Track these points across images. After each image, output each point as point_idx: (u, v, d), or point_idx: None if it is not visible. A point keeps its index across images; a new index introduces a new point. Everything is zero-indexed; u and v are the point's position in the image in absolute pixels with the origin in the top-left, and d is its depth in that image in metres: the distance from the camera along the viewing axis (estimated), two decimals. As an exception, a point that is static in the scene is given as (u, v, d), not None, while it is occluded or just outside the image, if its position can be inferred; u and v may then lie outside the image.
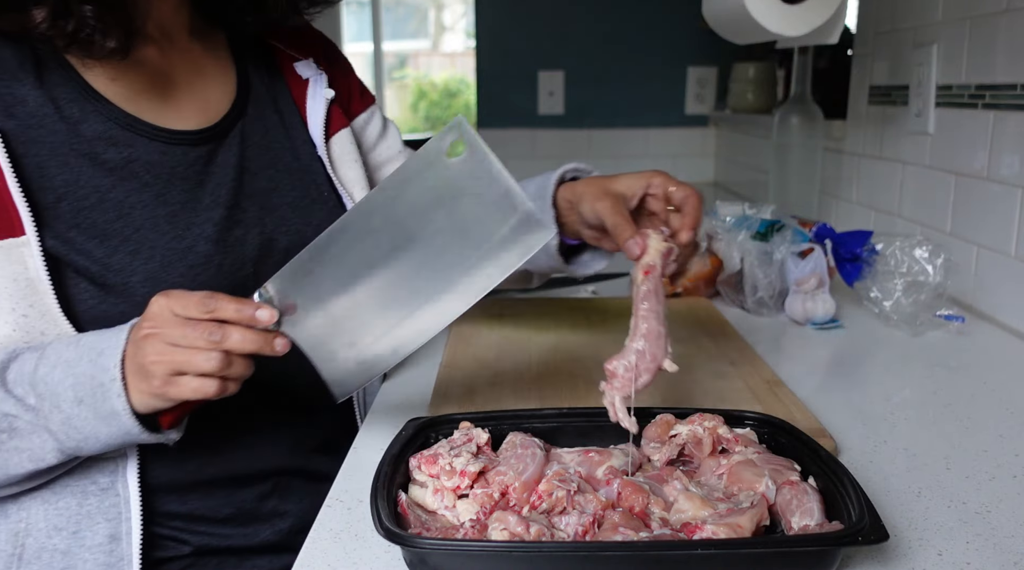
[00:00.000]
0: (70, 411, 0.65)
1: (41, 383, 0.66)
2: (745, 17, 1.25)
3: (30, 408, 0.66)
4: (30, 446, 0.67)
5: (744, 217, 1.26)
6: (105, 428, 0.66)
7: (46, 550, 0.73)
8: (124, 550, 0.74)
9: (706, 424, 0.69)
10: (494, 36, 2.76)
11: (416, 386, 0.95)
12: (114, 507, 0.75)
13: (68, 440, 0.66)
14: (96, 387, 0.65)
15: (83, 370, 0.65)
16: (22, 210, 0.68)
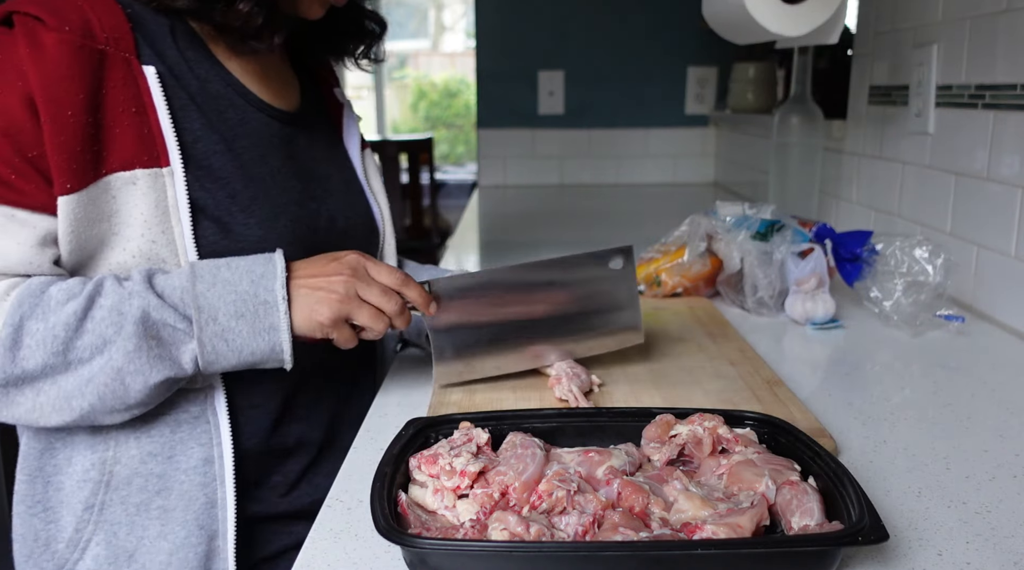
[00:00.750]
0: (226, 324, 0.73)
1: (201, 297, 0.72)
2: (745, 17, 1.25)
3: (186, 318, 0.72)
4: (176, 354, 0.72)
5: (744, 217, 1.26)
6: (255, 343, 0.74)
7: (139, 475, 0.79)
8: (217, 471, 0.81)
9: (706, 424, 0.69)
10: (494, 36, 2.76)
11: (416, 386, 0.95)
12: (205, 433, 0.81)
13: (212, 352, 0.73)
14: (259, 304, 0.74)
15: (245, 289, 0.74)
16: (170, 143, 0.77)
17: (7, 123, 0.71)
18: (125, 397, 0.72)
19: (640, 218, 2.26)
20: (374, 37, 1.04)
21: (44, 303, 0.70)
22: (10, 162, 0.71)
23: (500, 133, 2.82)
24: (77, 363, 0.70)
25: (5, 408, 0.71)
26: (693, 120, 2.82)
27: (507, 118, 2.81)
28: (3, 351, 0.68)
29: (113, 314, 0.71)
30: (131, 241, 0.76)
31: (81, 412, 0.71)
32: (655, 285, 1.26)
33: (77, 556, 0.79)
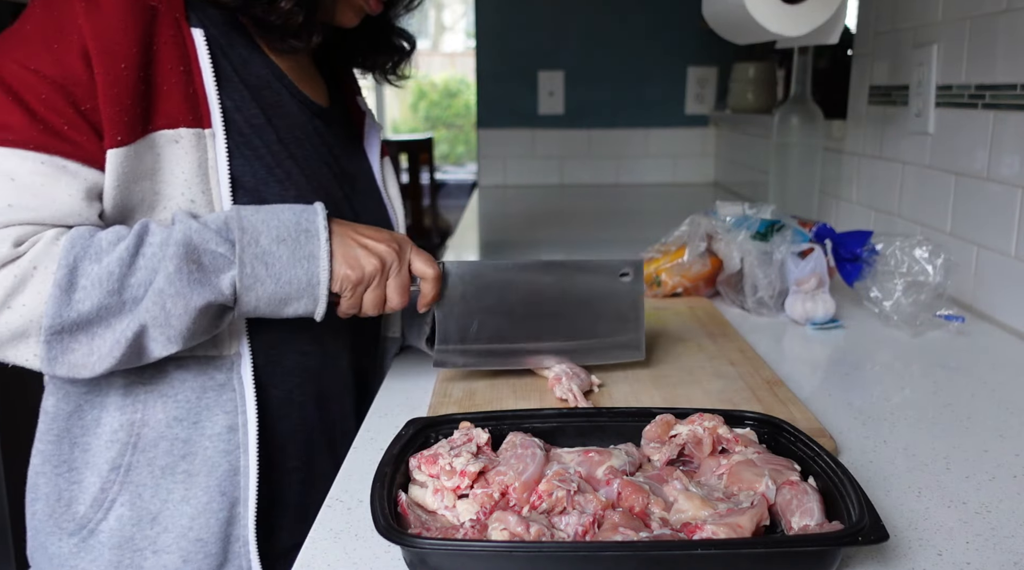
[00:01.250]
0: (268, 247, 0.74)
1: (244, 220, 0.74)
2: (745, 17, 1.25)
3: (228, 242, 0.73)
4: (216, 280, 0.72)
5: (744, 217, 1.26)
6: (293, 270, 0.74)
7: (165, 439, 0.80)
8: (241, 439, 0.82)
9: (706, 424, 0.69)
10: (494, 36, 2.76)
11: (416, 386, 0.95)
12: (230, 401, 0.81)
13: (250, 276, 0.73)
14: (301, 232, 0.75)
15: (287, 217, 0.76)
16: (212, 106, 0.79)
17: (63, 75, 0.72)
18: (166, 323, 0.71)
19: (640, 218, 2.26)
20: (403, 54, 1.07)
21: (95, 245, 0.70)
22: (64, 114, 0.72)
23: (500, 133, 2.82)
24: (131, 302, 0.70)
25: (60, 356, 0.70)
26: (693, 120, 2.82)
27: (507, 118, 2.81)
28: (59, 293, 0.68)
29: (161, 248, 0.71)
30: (171, 200, 0.77)
31: (127, 344, 0.71)
32: (655, 285, 1.26)
33: (101, 516, 0.81)
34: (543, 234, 2.03)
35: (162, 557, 0.81)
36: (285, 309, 0.76)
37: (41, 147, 0.71)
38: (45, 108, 0.72)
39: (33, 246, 0.69)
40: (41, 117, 0.72)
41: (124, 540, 0.81)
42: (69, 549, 0.82)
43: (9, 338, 0.69)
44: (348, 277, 0.77)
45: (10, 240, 0.69)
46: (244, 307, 0.75)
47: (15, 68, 0.72)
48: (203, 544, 0.81)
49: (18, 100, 0.72)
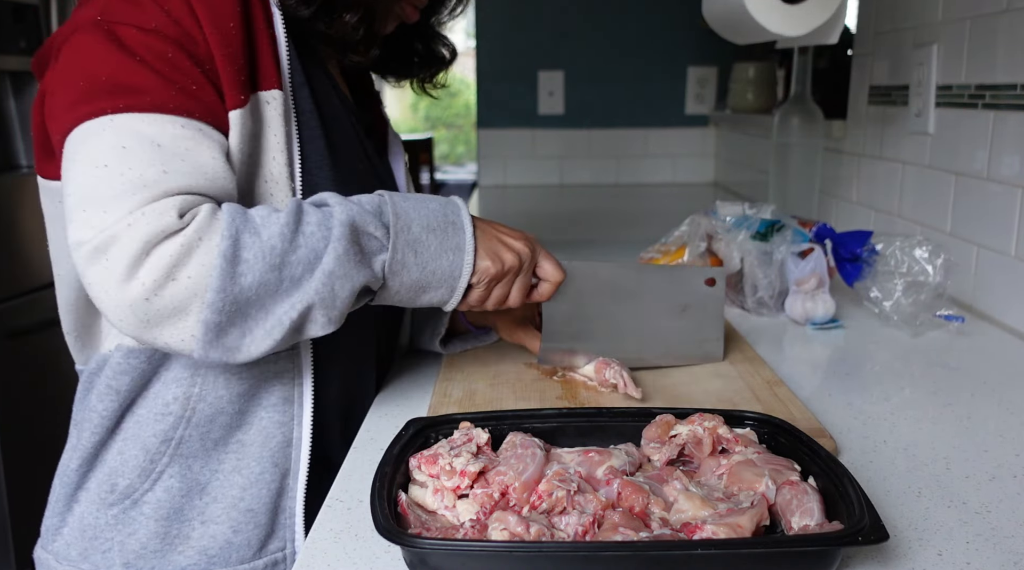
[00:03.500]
0: (419, 234, 0.74)
1: (398, 206, 0.74)
2: (745, 17, 1.25)
3: (384, 226, 0.73)
4: (372, 262, 0.73)
5: (744, 217, 1.26)
6: (439, 260, 0.75)
7: (223, 414, 0.79)
8: (296, 411, 0.82)
9: (706, 424, 0.69)
10: (494, 36, 2.76)
11: (416, 386, 0.95)
12: (288, 372, 0.81)
13: (399, 262, 0.73)
14: (448, 224, 0.76)
15: (434, 207, 0.76)
16: (285, 73, 0.78)
17: (181, 34, 0.70)
18: (332, 304, 0.70)
19: (640, 218, 2.26)
20: (443, 63, 1.05)
21: (252, 220, 0.68)
22: (191, 74, 0.70)
23: (500, 133, 2.82)
24: (289, 280, 0.68)
25: (217, 339, 0.66)
26: (693, 120, 2.82)
27: (507, 118, 2.81)
28: (225, 264, 0.65)
29: (321, 228, 0.69)
30: (267, 166, 0.77)
31: (291, 326, 0.69)
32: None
33: (147, 486, 0.79)
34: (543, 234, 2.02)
35: (210, 527, 0.80)
36: (422, 297, 0.77)
37: (179, 110, 0.69)
38: (172, 69, 0.69)
39: (195, 217, 0.66)
40: (171, 78, 0.69)
41: (172, 511, 0.80)
42: (107, 520, 0.80)
43: (170, 313, 0.65)
44: (488, 270, 0.78)
45: (175, 209, 0.65)
46: (387, 291, 0.75)
47: (132, 32, 0.69)
48: (253, 514, 0.81)
49: (144, 62, 0.69)
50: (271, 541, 0.83)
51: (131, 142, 0.66)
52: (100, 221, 0.64)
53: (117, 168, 0.65)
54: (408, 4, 0.91)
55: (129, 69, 0.68)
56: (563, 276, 0.86)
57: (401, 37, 0.96)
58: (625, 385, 0.87)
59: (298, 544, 0.84)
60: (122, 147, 0.66)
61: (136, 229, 0.63)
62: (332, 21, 0.81)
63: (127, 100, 0.67)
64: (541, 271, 0.85)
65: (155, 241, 0.64)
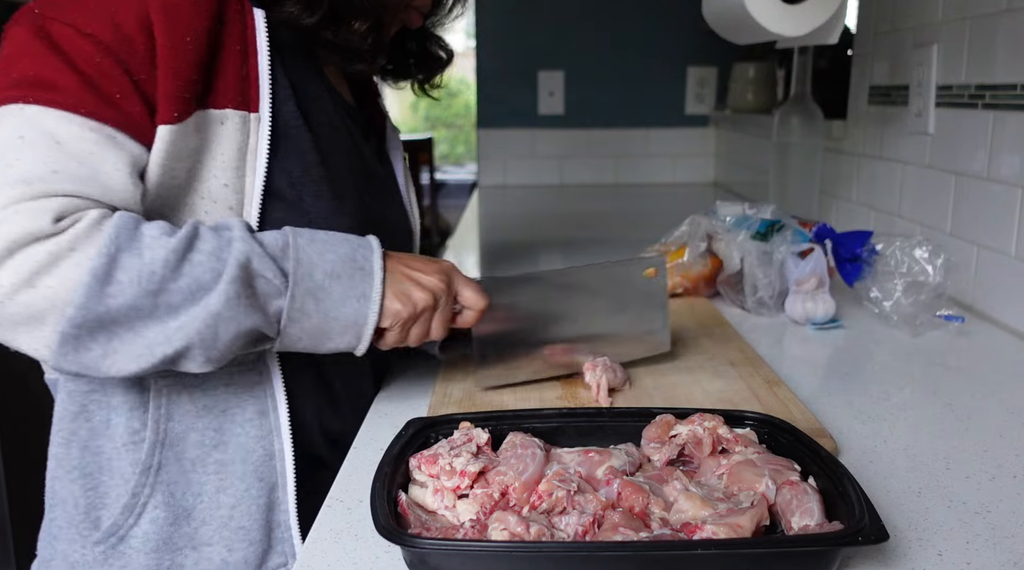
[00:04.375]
0: (321, 282, 0.71)
1: (301, 251, 0.71)
2: (745, 17, 1.25)
3: (282, 273, 0.70)
4: (266, 308, 0.70)
5: (744, 217, 1.26)
6: (341, 308, 0.72)
7: (194, 430, 0.78)
8: (273, 423, 0.80)
9: (706, 424, 0.69)
10: (494, 36, 2.76)
11: (416, 386, 0.95)
12: (259, 385, 0.80)
13: (298, 309, 0.70)
14: (356, 269, 0.73)
15: (345, 252, 0.73)
16: (263, 90, 0.76)
17: (119, 41, 0.68)
18: (213, 345, 0.67)
19: (640, 218, 2.26)
20: (440, 65, 1.04)
21: (139, 238, 0.65)
22: (118, 82, 0.68)
23: (500, 133, 2.82)
24: (165, 308, 0.65)
25: (73, 352, 0.64)
26: (693, 120, 2.82)
27: (507, 118, 2.81)
28: (93, 282, 0.62)
29: (212, 259, 0.66)
30: (205, 182, 0.74)
31: (163, 358, 0.66)
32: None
33: (132, 521, 0.78)
34: (543, 234, 2.02)
35: (203, 551, 0.79)
36: (326, 344, 0.74)
37: (92, 113, 0.67)
38: (98, 74, 0.68)
39: (74, 225, 0.63)
40: (94, 83, 0.67)
41: (160, 542, 0.78)
42: (95, 557, 0.78)
43: (24, 320, 0.62)
44: (399, 313, 0.75)
45: (51, 213, 0.62)
46: (286, 339, 0.72)
47: (68, 31, 0.68)
48: (246, 532, 0.80)
49: (69, 63, 0.67)
50: (270, 557, 0.82)
51: (31, 134, 0.65)
52: None
53: (7, 157, 0.64)
54: (413, 10, 0.90)
55: (54, 67, 0.67)
56: (486, 302, 0.82)
57: (396, 39, 0.95)
58: (598, 392, 0.87)
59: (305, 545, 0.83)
60: (20, 137, 0.65)
61: (3, 227, 0.61)
62: (339, 29, 0.80)
63: (42, 94, 0.66)
64: (463, 299, 0.81)
65: (22, 242, 0.61)
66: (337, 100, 0.90)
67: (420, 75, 1.04)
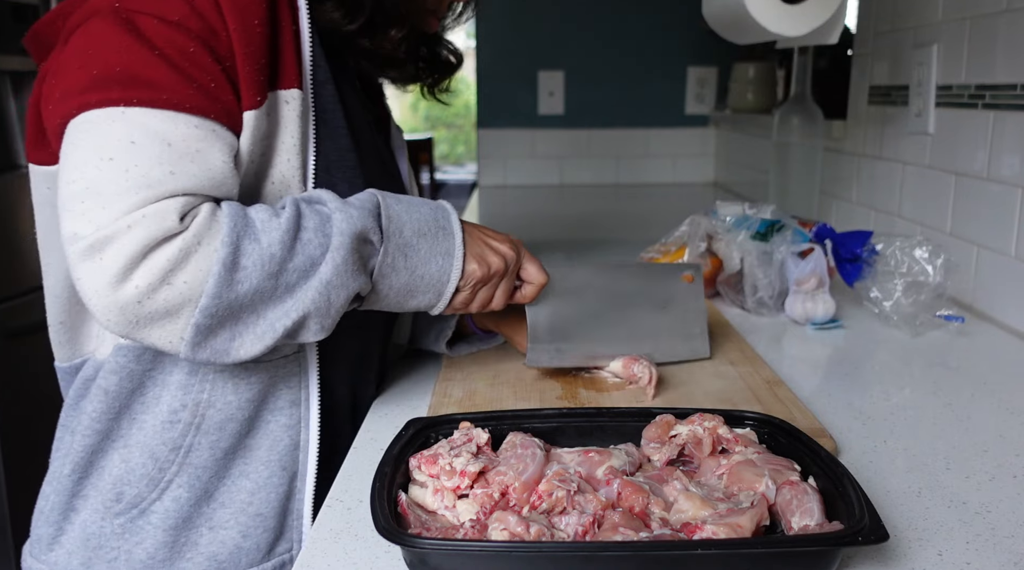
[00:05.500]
0: (410, 239, 0.74)
1: (391, 209, 0.73)
2: (745, 17, 1.25)
3: (379, 230, 0.72)
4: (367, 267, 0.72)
5: (744, 217, 1.26)
6: (428, 264, 0.75)
7: (233, 420, 0.78)
8: (303, 413, 0.81)
9: (706, 424, 0.69)
10: (494, 36, 2.76)
11: (416, 386, 0.95)
12: (295, 375, 0.81)
13: (389, 265, 0.73)
14: (439, 229, 0.76)
15: (426, 212, 0.76)
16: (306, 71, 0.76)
17: (204, 28, 0.68)
18: (327, 313, 0.69)
19: (640, 218, 2.26)
20: (450, 69, 1.04)
21: (252, 225, 0.66)
22: (210, 71, 0.68)
23: (500, 133, 2.82)
24: (284, 287, 0.67)
25: (206, 341, 0.65)
26: (693, 120, 2.82)
27: (507, 118, 2.81)
28: (223, 272, 0.64)
29: (319, 235, 0.68)
30: (277, 167, 0.75)
31: (284, 333, 0.68)
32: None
33: (156, 495, 0.78)
34: (543, 234, 2.02)
35: (219, 533, 0.79)
36: (409, 301, 0.77)
37: (195, 109, 0.67)
38: (192, 65, 0.67)
39: (194, 219, 0.64)
40: (190, 75, 0.67)
41: (180, 520, 0.78)
42: (113, 529, 0.78)
43: (162, 316, 0.64)
44: (474, 273, 0.78)
45: (176, 212, 0.64)
46: (376, 295, 0.74)
47: (154, 22, 0.67)
48: (263, 518, 0.80)
49: (164, 56, 0.66)
50: (279, 543, 0.82)
51: (141, 137, 0.65)
52: (99, 217, 0.62)
53: (123, 163, 0.64)
54: (430, 14, 0.90)
55: (147, 61, 0.66)
56: (546, 279, 0.86)
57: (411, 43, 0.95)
58: (651, 381, 0.88)
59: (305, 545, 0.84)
60: (131, 142, 0.64)
61: (135, 231, 0.62)
62: (376, 36, 0.80)
63: (142, 93, 0.65)
64: (525, 273, 0.85)
65: (153, 244, 0.62)
66: (360, 94, 0.90)
67: (430, 79, 1.03)
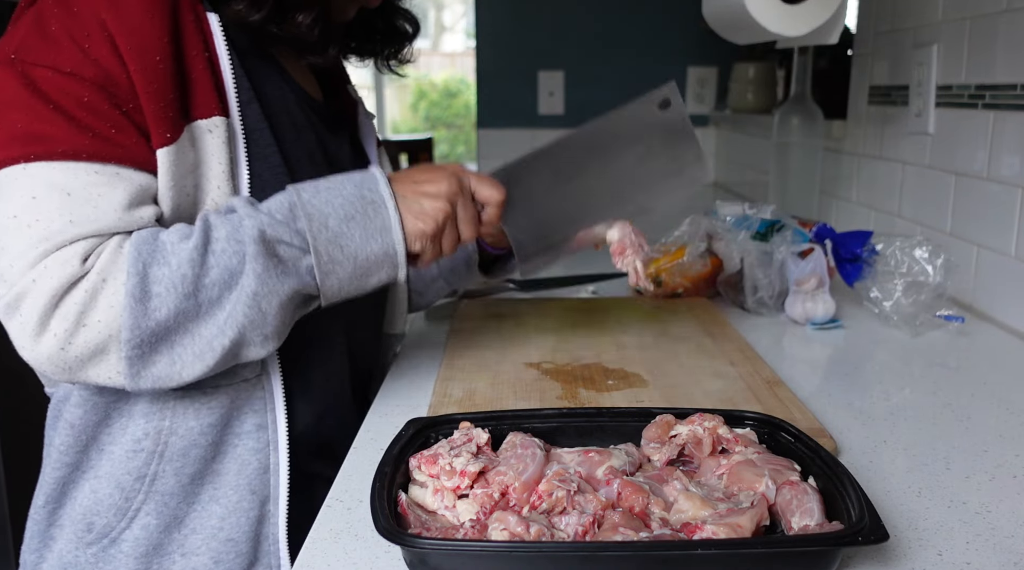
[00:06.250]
0: (338, 229, 0.72)
1: (308, 205, 0.71)
2: (745, 17, 1.25)
3: (298, 233, 0.71)
4: (297, 268, 0.71)
5: (744, 217, 1.26)
6: (368, 246, 0.73)
7: (196, 446, 0.78)
8: (271, 436, 0.81)
9: (706, 424, 0.69)
10: (494, 36, 2.76)
11: (416, 386, 0.95)
12: (260, 399, 0.80)
13: (328, 261, 0.71)
14: (367, 205, 0.73)
15: (350, 192, 0.73)
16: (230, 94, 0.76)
17: (101, 75, 0.68)
18: (264, 323, 0.70)
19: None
20: (406, 38, 1.02)
21: (160, 248, 0.67)
22: (109, 116, 0.69)
23: (500, 133, 2.82)
24: (208, 303, 0.67)
25: (143, 370, 0.67)
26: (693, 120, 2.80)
27: (507, 118, 2.81)
28: (134, 303, 0.65)
29: (232, 243, 0.68)
30: (209, 194, 0.75)
31: (224, 351, 0.69)
32: (656, 285, 1.26)
33: (124, 525, 0.78)
34: (543, 234, 2.02)
35: (191, 560, 0.79)
36: (367, 283, 0.75)
37: (92, 156, 0.68)
38: (88, 113, 0.68)
39: (99, 257, 0.66)
40: (86, 124, 0.68)
41: (151, 548, 0.78)
42: (87, 558, 0.79)
43: (90, 356, 0.66)
44: (423, 232, 0.75)
45: (78, 256, 0.65)
46: (327, 292, 0.73)
47: (48, 74, 0.68)
48: (234, 544, 0.80)
49: (59, 108, 0.67)
50: (255, 569, 0.82)
51: (41, 192, 0.66)
52: (9, 275, 0.65)
53: (25, 219, 0.66)
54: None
55: (43, 116, 0.67)
56: (503, 194, 0.82)
57: (362, 17, 0.94)
58: (638, 275, 0.85)
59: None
60: (32, 197, 0.66)
61: (41, 283, 0.64)
62: (284, 23, 0.79)
63: (40, 148, 0.67)
64: (480, 197, 0.81)
65: (61, 292, 0.64)
66: (301, 97, 0.88)
67: (386, 51, 1.02)
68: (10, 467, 1.91)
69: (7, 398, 1.91)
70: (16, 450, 1.93)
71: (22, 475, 1.93)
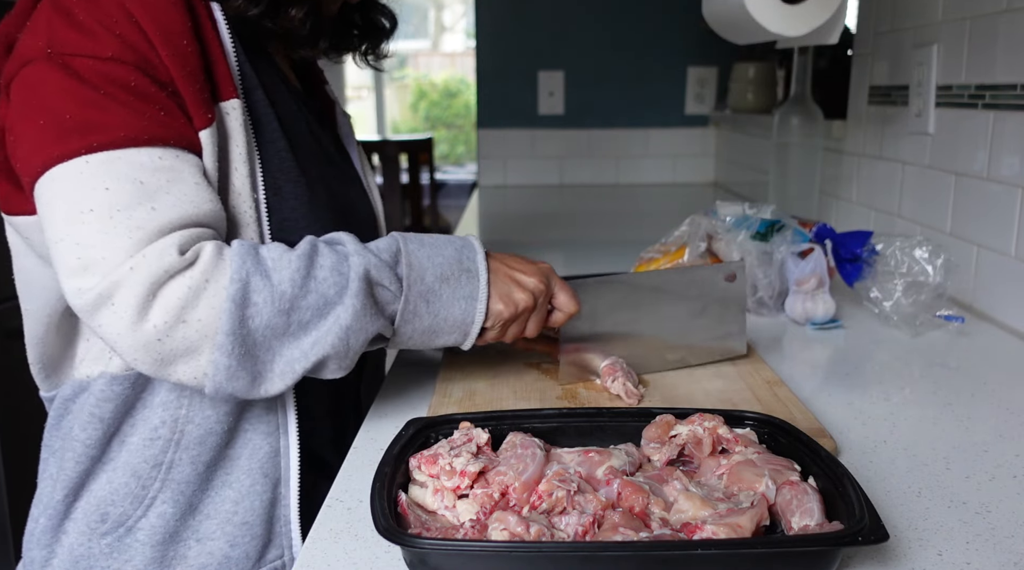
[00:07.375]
0: (432, 285, 0.75)
1: (412, 256, 0.74)
2: (745, 17, 1.25)
3: (398, 279, 0.73)
4: (386, 313, 0.74)
5: (744, 217, 1.26)
6: (450, 309, 0.76)
7: (212, 434, 0.78)
8: (280, 419, 0.81)
9: (706, 424, 0.69)
10: (494, 36, 2.76)
11: (416, 386, 0.95)
12: None
13: (411, 312, 0.74)
14: (462, 271, 0.76)
15: (449, 254, 0.76)
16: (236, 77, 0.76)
17: (141, 59, 0.68)
18: (346, 355, 0.71)
19: (640, 218, 2.26)
20: (384, 34, 1.03)
21: (262, 262, 0.68)
22: (156, 99, 0.68)
23: (500, 133, 2.82)
24: (297, 325, 0.68)
25: (226, 378, 0.67)
26: (693, 120, 2.82)
27: (507, 118, 2.81)
28: (234, 308, 0.65)
29: (335, 274, 0.70)
30: (231, 178, 0.75)
31: (303, 372, 0.70)
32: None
33: (140, 513, 0.78)
34: (543, 234, 2.02)
35: (206, 544, 0.80)
36: (435, 341, 0.78)
37: (151, 140, 0.67)
38: (137, 97, 0.67)
39: (199, 257, 0.66)
40: (138, 107, 0.67)
41: (167, 535, 0.79)
42: (100, 549, 0.79)
43: (183, 352, 0.66)
44: (501, 313, 0.78)
45: (174, 247, 0.65)
46: (400, 338, 0.76)
47: (89, 62, 0.67)
48: (249, 527, 0.81)
49: (108, 95, 0.66)
50: (269, 550, 0.82)
51: (112, 183, 0.65)
52: (100, 268, 0.64)
53: (105, 211, 0.65)
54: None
55: (94, 104, 0.66)
56: (577, 308, 0.85)
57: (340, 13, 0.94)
58: (628, 397, 0.87)
59: (296, 550, 0.84)
60: (105, 189, 0.65)
61: (139, 272, 0.63)
62: (278, 17, 0.79)
63: (98, 137, 0.66)
64: (556, 302, 0.85)
65: (160, 282, 0.64)
66: (291, 89, 0.89)
67: (363, 46, 1.02)
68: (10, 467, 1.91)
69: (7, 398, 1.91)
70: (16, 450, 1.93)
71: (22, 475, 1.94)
